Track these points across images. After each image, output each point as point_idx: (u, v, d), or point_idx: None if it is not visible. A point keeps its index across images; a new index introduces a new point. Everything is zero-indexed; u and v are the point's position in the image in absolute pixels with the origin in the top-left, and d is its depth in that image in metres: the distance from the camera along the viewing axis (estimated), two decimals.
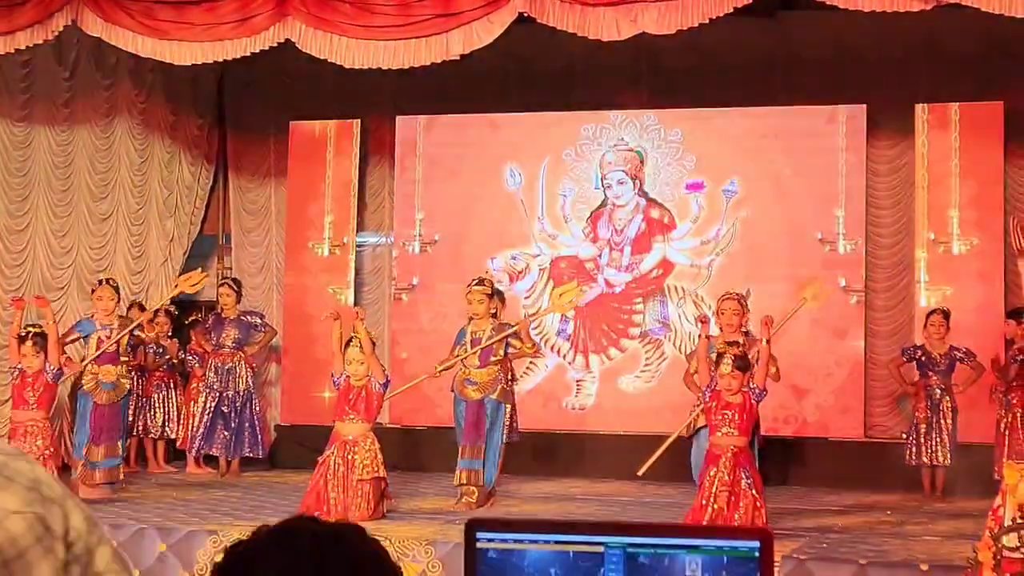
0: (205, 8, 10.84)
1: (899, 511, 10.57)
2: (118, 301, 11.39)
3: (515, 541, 2.21)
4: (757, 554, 2.13)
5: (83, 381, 11.09)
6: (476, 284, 10.67)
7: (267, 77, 14.25)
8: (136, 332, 11.47)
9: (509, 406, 10.72)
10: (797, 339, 12.90)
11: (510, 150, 13.82)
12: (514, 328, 10.60)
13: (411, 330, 13.75)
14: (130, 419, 11.94)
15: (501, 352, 10.53)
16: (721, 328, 10.57)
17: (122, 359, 11.13)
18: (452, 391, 10.71)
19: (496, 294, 11.91)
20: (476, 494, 10.29)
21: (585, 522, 2.30)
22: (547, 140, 13.72)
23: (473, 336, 10.57)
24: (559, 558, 2.19)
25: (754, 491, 8.76)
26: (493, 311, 10.67)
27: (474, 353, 10.50)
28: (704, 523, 8.34)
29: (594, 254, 13.56)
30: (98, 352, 10.95)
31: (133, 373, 12.29)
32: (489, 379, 10.48)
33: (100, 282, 11.49)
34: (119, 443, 11.05)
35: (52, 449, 10.15)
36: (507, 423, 11.86)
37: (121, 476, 11.07)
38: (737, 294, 10.86)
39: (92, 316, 11.34)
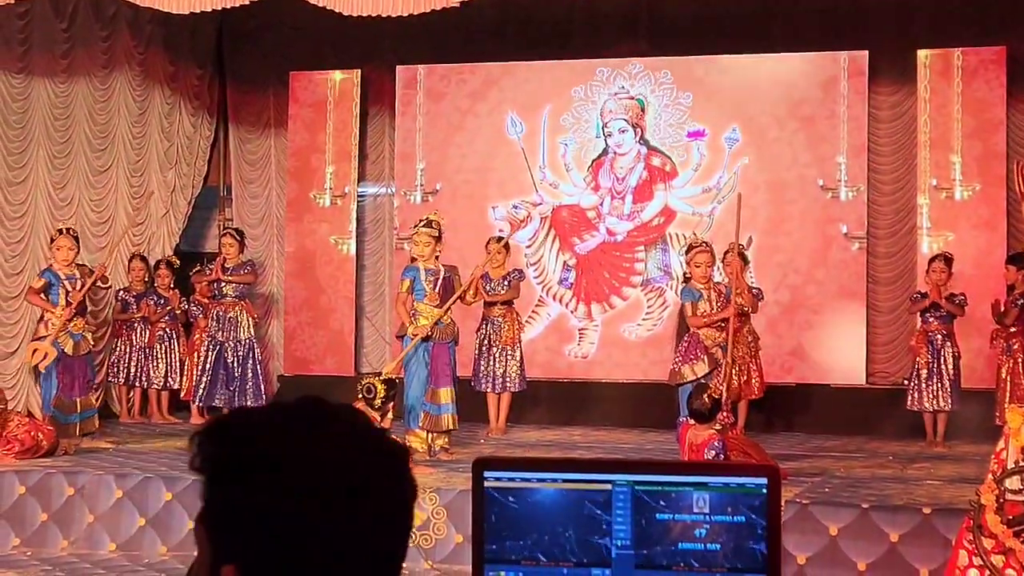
0: None
1: (901, 456, 10.61)
2: (77, 251, 11.26)
3: (523, 480, 2.21)
4: (764, 491, 2.14)
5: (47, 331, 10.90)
6: (424, 225, 10.55)
7: (266, 27, 14.19)
8: (98, 286, 11.45)
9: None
10: (799, 286, 12.92)
11: (511, 99, 13.77)
12: (466, 285, 10.63)
13: None
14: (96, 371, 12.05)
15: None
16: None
17: (88, 311, 11.12)
18: (412, 335, 10.51)
19: (498, 241, 11.92)
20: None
21: (593, 460, 2.31)
22: (548, 89, 13.66)
23: (431, 276, 10.47)
24: (567, 496, 2.20)
25: None
26: (437, 253, 10.62)
27: (475, 287, 10.58)
28: None
29: (595, 203, 13.54)
30: (74, 304, 10.84)
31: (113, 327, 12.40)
32: (451, 321, 10.47)
33: (60, 231, 11.31)
34: (91, 395, 11.09)
35: None
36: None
37: (96, 426, 11.11)
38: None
39: (51, 266, 11.15)
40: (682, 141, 13.39)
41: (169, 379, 13.07)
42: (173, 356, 13.12)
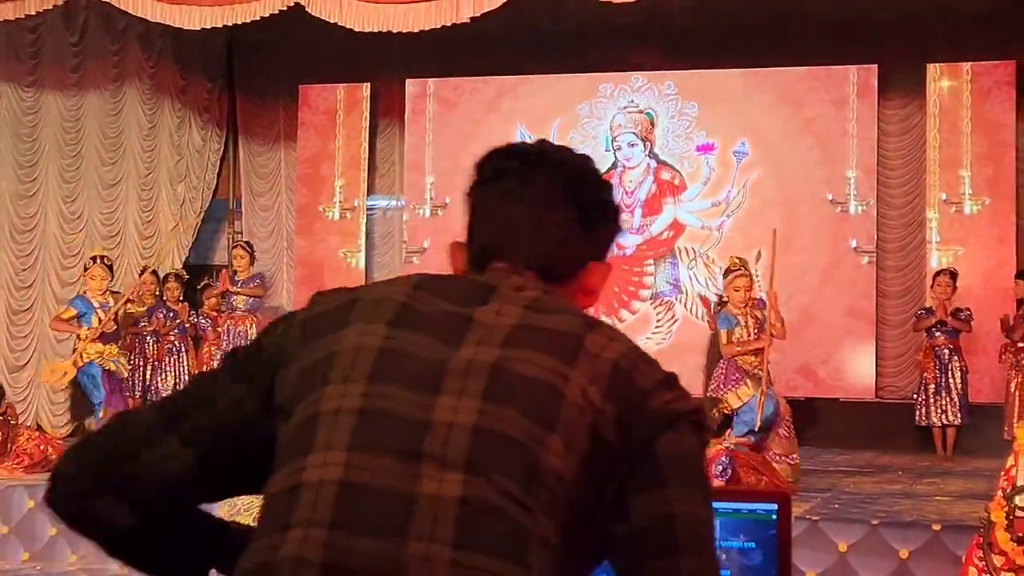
0: None
1: (910, 471, 10.59)
2: (111, 279, 11.39)
3: None
4: (774, 516, 2.14)
5: (84, 356, 11.07)
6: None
7: (276, 41, 14.19)
8: (129, 308, 11.50)
9: None
10: (808, 299, 12.90)
11: (520, 112, 13.77)
12: None
13: None
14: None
15: None
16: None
17: (120, 335, 11.20)
18: None
19: None
20: None
21: None
22: (557, 102, 13.66)
23: None
24: None
25: None
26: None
27: None
28: None
29: None
30: (101, 328, 10.94)
31: (140, 352, 12.44)
32: None
33: (93, 259, 11.43)
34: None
35: None
36: None
37: None
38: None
39: (84, 293, 11.27)
40: (691, 155, 13.39)
41: None
42: (182, 369, 13.12)
